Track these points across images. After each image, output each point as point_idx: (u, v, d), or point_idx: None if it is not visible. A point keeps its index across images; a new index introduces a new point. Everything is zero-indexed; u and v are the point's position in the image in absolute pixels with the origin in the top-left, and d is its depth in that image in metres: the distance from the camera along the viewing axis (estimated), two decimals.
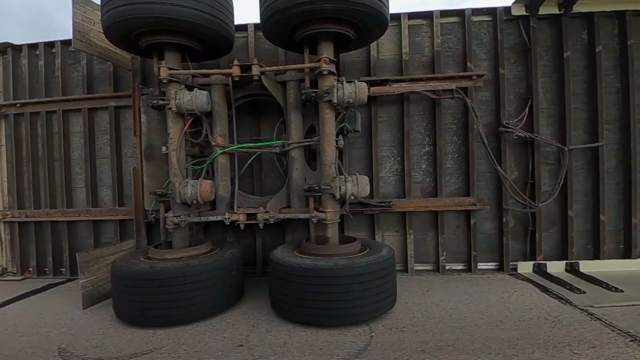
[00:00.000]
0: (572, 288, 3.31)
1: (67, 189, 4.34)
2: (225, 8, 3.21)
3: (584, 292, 3.23)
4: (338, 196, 3.01)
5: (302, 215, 3.15)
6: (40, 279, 4.36)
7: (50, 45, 4.40)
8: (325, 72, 2.99)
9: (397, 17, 3.95)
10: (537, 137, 3.75)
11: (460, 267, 4.02)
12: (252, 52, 4.00)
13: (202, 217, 3.23)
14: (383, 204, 3.85)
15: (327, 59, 2.99)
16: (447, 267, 4.01)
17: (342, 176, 3.02)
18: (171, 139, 3.21)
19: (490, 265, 4.00)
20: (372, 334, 2.59)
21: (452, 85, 3.71)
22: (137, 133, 3.79)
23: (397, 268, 3.99)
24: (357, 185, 2.99)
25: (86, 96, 4.23)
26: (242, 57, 4.03)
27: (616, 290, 3.25)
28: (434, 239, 4.01)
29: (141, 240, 3.87)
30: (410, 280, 3.77)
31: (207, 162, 3.39)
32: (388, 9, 2.98)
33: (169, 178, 3.27)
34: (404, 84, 3.85)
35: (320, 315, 2.67)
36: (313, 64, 3.05)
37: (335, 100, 2.98)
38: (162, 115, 3.63)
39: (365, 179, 3.05)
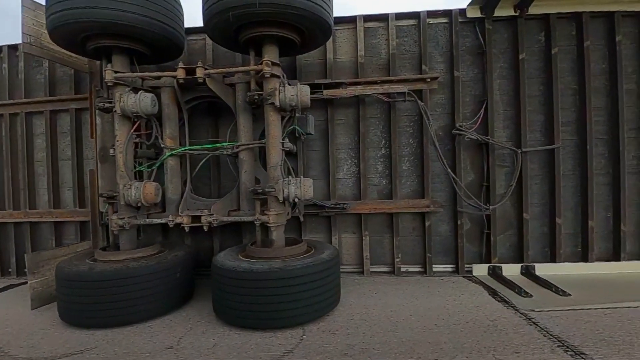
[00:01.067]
0: (520, 291, 3.30)
1: (30, 191, 4.38)
2: (173, 13, 3.23)
3: (531, 296, 3.22)
4: (281, 198, 3.02)
5: (245, 218, 3.16)
6: (3, 280, 4.39)
7: (14, 48, 4.44)
8: (268, 75, 3.01)
9: (352, 19, 3.96)
10: (489, 139, 3.74)
11: (416, 269, 4.01)
12: (209, 55, 4.02)
13: (147, 220, 3.24)
14: (338, 206, 3.85)
15: (270, 62, 3.00)
16: (402, 269, 4.00)
17: (286, 179, 3.03)
18: (118, 141, 3.24)
19: (447, 268, 4.00)
20: (304, 336, 2.60)
21: (404, 88, 3.71)
22: (94, 135, 3.81)
23: (353, 270, 4.04)
24: (300, 188, 3.00)
25: (48, 98, 4.26)
26: (200, 60, 4.04)
27: (564, 294, 3.24)
28: (390, 240, 4.01)
29: (98, 242, 3.89)
30: (363, 282, 3.76)
31: (156, 165, 3.41)
32: (330, 13, 3.00)
33: None
34: (359, 87, 3.85)
35: (256, 318, 2.68)
36: (256, 67, 3.06)
37: (277, 103, 3.00)
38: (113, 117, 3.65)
39: (309, 182, 3.05)
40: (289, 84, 3.07)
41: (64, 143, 4.35)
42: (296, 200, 3.03)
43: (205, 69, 3.13)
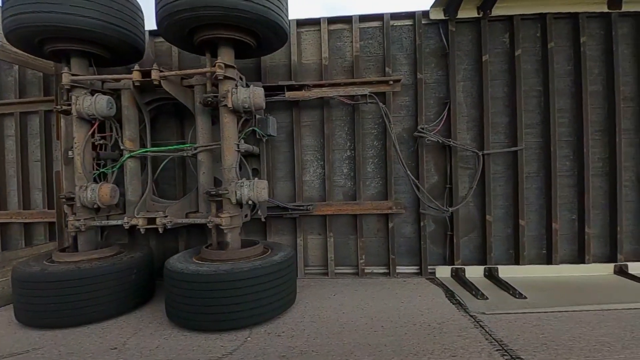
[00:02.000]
0: (476, 294, 3.30)
1: (0, 192, 4.41)
2: (131, 17, 3.26)
3: (486, 298, 3.22)
4: (234, 201, 3.03)
5: (198, 221, 3.18)
6: None
7: None
8: (221, 77, 3.02)
9: (317, 21, 3.96)
10: (450, 141, 3.74)
11: (381, 271, 4.01)
12: (175, 57, 4.03)
13: (103, 222, 3.26)
14: (301, 208, 3.86)
15: (223, 64, 3.01)
16: (367, 271, 4.00)
17: (239, 181, 3.04)
18: (76, 143, 3.26)
19: (411, 269, 3.99)
20: (249, 338, 2.61)
21: (365, 91, 3.71)
22: (59, 137, 3.85)
23: (319, 271, 4.04)
24: (253, 190, 3.01)
25: (17, 100, 4.30)
26: (167, 62, 4.07)
27: (520, 296, 3.23)
28: (355, 242, 4.01)
29: (63, 243, 3.92)
30: (325, 284, 3.77)
31: (116, 167, 3.43)
32: (283, 17, 3.02)
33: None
34: (323, 89, 3.86)
35: (203, 320, 2.69)
36: (209, 69, 3.07)
37: (230, 105, 3.01)
38: None
39: (262, 184, 3.06)
40: (245, 86, 3.08)
41: (34, 144, 4.38)
42: (250, 202, 3.04)
43: (161, 71, 3.15)
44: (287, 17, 3.15)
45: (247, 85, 3.50)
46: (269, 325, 2.80)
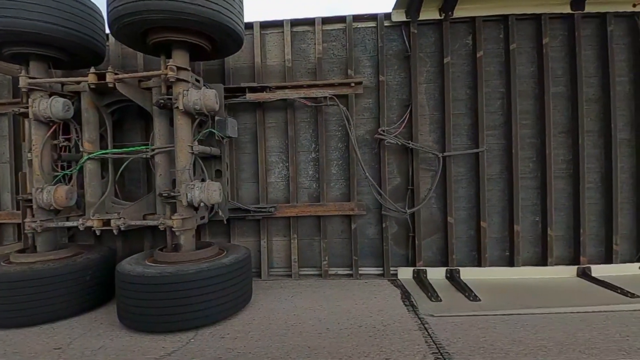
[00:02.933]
0: (431, 296, 3.30)
1: None
2: (89, 21, 3.29)
3: (440, 300, 3.22)
4: (185, 203, 3.05)
5: (151, 223, 3.19)
6: None
7: None
8: (173, 80, 3.04)
9: (280, 24, 3.97)
10: (409, 143, 3.74)
11: (344, 272, 4.01)
12: (140, 59, 4.05)
13: (59, 223, 3.29)
14: (264, 210, 3.87)
15: (175, 67, 3.03)
16: (331, 272, 4.01)
17: (190, 183, 3.06)
18: (33, 145, 3.29)
19: (375, 271, 3.99)
20: (192, 340, 2.62)
21: (326, 93, 3.72)
22: (24, 139, 3.88)
23: (284, 272, 4.05)
24: (204, 192, 3.02)
25: None
26: (133, 64, 4.10)
27: (475, 299, 3.22)
28: (320, 243, 4.02)
29: (29, 243, 3.95)
30: (287, 285, 3.78)
31: (75, 169, 3.46)
32: (235, 20, 3.03)
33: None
34: (287, 91, 3.87)
35: (149, 321, 2.71)
36: (161, 72, 3.09)
37: (181, 107, 3.03)
38: None
39: (214, 186, 3.08)
40: (197, 88, 3.10)
41: (3, 146, 4.42)
42: (202, 204, 3.05)
43: (116, 73, 3.17)
44: (241, 19, 3.16)
45: (206, 87, 3.52)
46: (216, 327, 2.81)
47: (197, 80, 3.39)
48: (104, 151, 3.46)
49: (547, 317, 2.86)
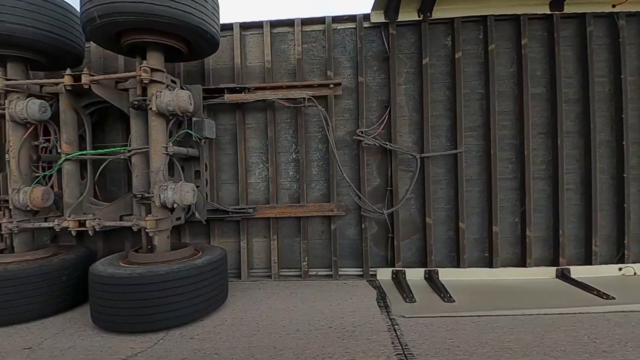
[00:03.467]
0: (406, 296, 3.30)
1: None
2: (66, 24, 3.32)
3: (414, 301, 3.22)
4: (158, 204, 3.06)
5: (125, 224, 3.20)
6: None
7: None
8: (147, 81, 3.06)
9: (259, 25, 3.98)
10: (387, 144, 3.74)
11: (324, 273, 4.02)
12: (121, 60, 4.07)
13: (36, 224, 3.31)
14: (243, 211, 3.88)
15: (148, 68, 3.05)
16: (311, 273, 4.02)
17: (163, 184, 3.07)
18: (11, 146, 3.31)
19: (355, 271, 4.00)
20: (161, 340, 2.63)
21: (304, 94, 3.72)
22: (5, 141, 3.90)
23: (264, 273, 4.06)
24: (177, 193, 3.03)
25: None
26: (114, 65, 4.12)
27: (449, 300, 3.22)
28: (300, 244, 4.02)
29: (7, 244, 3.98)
30: (265, 286, 3.79)
31: (54, 170, 3.48)
32: (208, 22, 3.05)
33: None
34: (267, 91, 3.88)
35: (119, 321, 2.73)
36: (136, 73, 3.11)
37: (154, 108, 3.04)
38: None
39: (187, 187, 3.09)
40: (172, 89, 3.12)
41: None
42: (175, 205, 3.07)
43: (91, 75, 3.19)
44: (215, 21, 3.17)
45: (184, 88, 3.54)
46: (187, 327, 2.82)
47: (174, 82, 3.41)
48: (81, 152, 3.48)
49: (518, 318, 2.86)
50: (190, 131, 3.49)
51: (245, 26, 4.03)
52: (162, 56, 3.19)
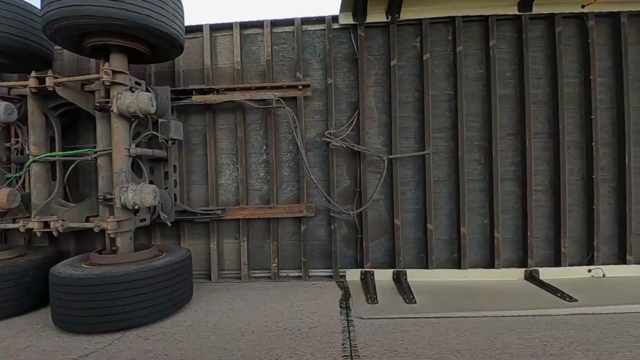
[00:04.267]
0: (370, 298, 3.30)
1: None
2: (31, 26, 3.35)
3: (376, 302, 3.22)
4: (118, 205, 3.09)
5: (88, 225, 3.23)
6: None
7: None
8: (108, 83, 3.08)
9: (229, 26, 3.99)
10: (354, 146, 3.75)
11: (295, 274, 4.03)
12: (92, 63, 4.09)
13: (1, 225, 3.34)
14: (211, 213, 3.90)
15: (110, 71, 3.07)
16: (282, 274, 4.03)
17: (124, 185, 3.09)
18: None
19: (325, 272, 4.00)
20: (116, 341, 2.65)
21: (271, 95, 3.73)
22: None
23: (235, 275, 4.07)
24: (138, 194, 3.05)
25: None
26: (86, 67, 4.14)
27: (411, 301, 3.22)
28: (271, 246, 4.03)
29: None
30: (233, 288, 3.79)
31: (23, 171, 3.51)
32: (168, 25, 3.07)
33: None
34: (237, 93, 3.89)
35: (76, 322, 2.75)
36: (97, 75, 3.13)
37: (115, 110, 3.07)
38: None
39: (148, 189, 3.10)
40: (135, 90, 3.14)
41: None
42: (136, 207, 3.08)
43: (56, 77, 3.21)
44: (177, 23, 3.18)
45: (149, 90, 3.55)
46: (145, 328, 2.84)
47: (138, 83, 3.42)
48: (48, 154, 3.51)
49: (478, 320, 2.86)
50: (155, 133, 3.50)
51: (215, 27, 4.04)
52: (125, 58, 3.21)
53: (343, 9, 3.76)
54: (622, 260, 3.77)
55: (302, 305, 3.22)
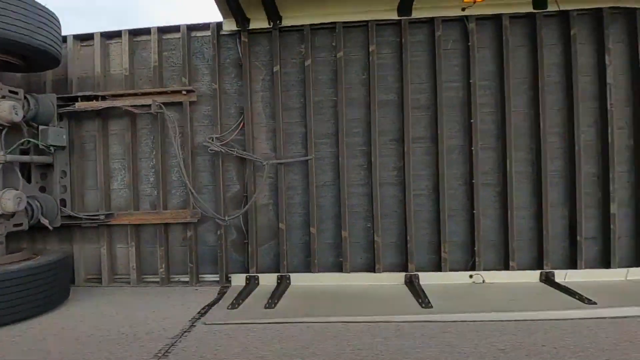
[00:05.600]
0: (234, 303, 3.31)
1: None
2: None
3: (236, 308, 3.24)
4: None
5: None
6: None
7: None
8: None
9: (118, 34, 4.05)
10: (233, 150, 3.78)
11: (185, 279, 4.05)
12: None
13: None
14: (95, 217, 3.93)
15: None
16: (172, 279, 4.05)
17: None
18: None
19: (214, 277, 4.02)
20: None
21: (149, 101, 3.78)
22: None
23: (126, 279, 4.09)
24: None
25: None
26: None
27: (269, 306, 3.22)
28: (158, 251, 4.05)
29: None
30: (115, 292, 3.83)
31: None
32: (39, 39, 3.14)
33: None
34: (125, 99, 3.94)
35: None
36: None
37: None
38: None
39: (9, 194, 3.15)
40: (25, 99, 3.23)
41: None
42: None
43: None
44: (45, 35, 3.21)
45: (32, 98, 3.60)
46: None
47: (14, 92, 3.46)
48: None
49: (323, 326, 2.84)
50: (31, 140, 3.55)
51: (108, 35, 4.10)
52: None
53: (224, 15, 3.79)
54: (505, 266, 3.76)
55: (160, 311, 3.23)
